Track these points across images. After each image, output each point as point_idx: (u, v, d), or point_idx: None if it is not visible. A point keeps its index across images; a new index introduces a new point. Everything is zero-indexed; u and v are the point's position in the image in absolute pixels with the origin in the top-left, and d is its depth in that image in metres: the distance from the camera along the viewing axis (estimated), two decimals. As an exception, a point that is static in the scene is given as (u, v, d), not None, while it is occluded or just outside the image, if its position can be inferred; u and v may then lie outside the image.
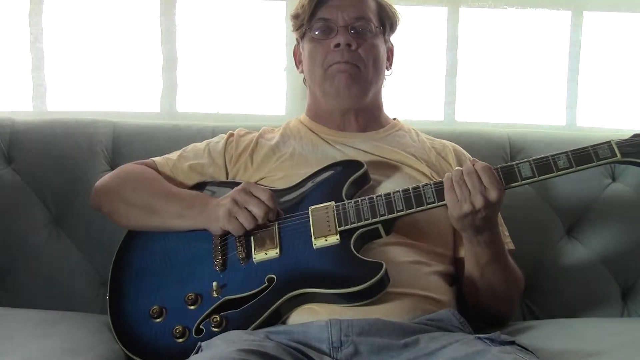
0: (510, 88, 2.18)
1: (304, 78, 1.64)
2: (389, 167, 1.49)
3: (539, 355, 1.20)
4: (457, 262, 1.47)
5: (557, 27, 2.18)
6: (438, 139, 1.64)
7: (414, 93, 2.16)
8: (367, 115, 1.59)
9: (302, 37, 1.60)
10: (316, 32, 1.55)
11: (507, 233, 1.52)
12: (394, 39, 1.66)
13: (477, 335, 1.22)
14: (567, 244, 1.80)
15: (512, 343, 1.18)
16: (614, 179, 1.85)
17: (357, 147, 1.54)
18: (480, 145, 1.76)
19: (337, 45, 1.51)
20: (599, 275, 1.77)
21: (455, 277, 1.46)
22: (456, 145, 1.62)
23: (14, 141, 1.76)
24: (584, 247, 1.79)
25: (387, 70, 1.63)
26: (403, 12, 1.64)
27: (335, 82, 1.52)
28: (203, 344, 1.20)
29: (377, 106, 1.62)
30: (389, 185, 1.42)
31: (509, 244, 1.50)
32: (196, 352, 1.20)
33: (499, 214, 1.42)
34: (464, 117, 2.18)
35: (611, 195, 1.83)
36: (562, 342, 1.36)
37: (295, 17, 1.59)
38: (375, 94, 1.60)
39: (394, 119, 1.67)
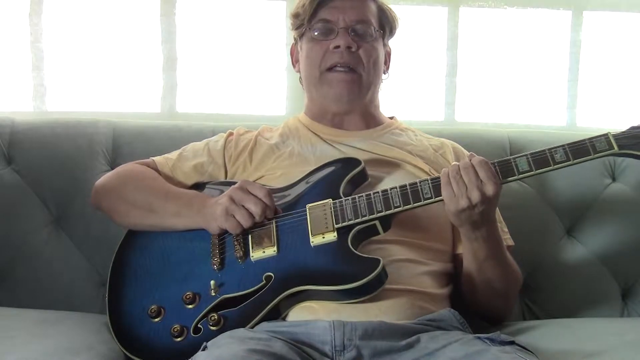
0: (510, 88, 2.19)
1: (300, 77, 1.65)
2: (389, 165, 1.50)
3: (539, 355, 1.20)
4: (456, 259, 1.47)
5: (557, 27, 2.19)
6: (436, 138, 1.65)
7: (414, 93, 2.16)
8: (363, 115, 1.60)
9: (301, 36, 1.60)
10: (316, 33, 1.55)
11: (506, 229, 1.52)
12: (394, 39, 1.66)
13: (477, 335, 1.22)
14: (567, 244, 1.80)
15: (512, 343, 1.19)
16: (614, 179, 1.85)
17: (355, 145, 1.54)
18: (480, 146, 1.76)
19: (337, 47, 1.51)
20: (599, 275, 1.77)
21: (453, 275, 1.46)
22: (455, 144, 1.62)
23: (14, 141, 1.76)
24: (583, 247, 1.79)
25: (385, 73, 1.63)
26: (403, 12, 1.65)
27: (333, 89, 1.53)
28: (208, 343, 1.20)
29: (374, 106, 1.63)
30: (389, 183, 1.41)
31: (507, 239, 1.50)
32: (202, 351, 1.19)
33: (498, 210, 1.42)
34: (464, 117, 2.18)
35: (611, 195, 1.83)
36: (562, 342, 1.36)
37: (295, 16, 1.59)
38: (372, 95, 1.60)
39: (392, 117, 1.67)
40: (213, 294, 1.31)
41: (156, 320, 1.32)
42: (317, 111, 1.61)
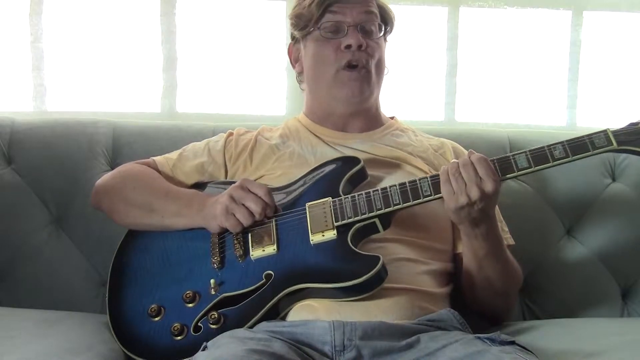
0: (510, 88, 2.19)
1: (297, 77, 1.64)
2: (389, 165, 1.50)
3: (539, 355, 1.20)
4: (456, 258, 1.47)
5: (557, 27, 2.19)
6: (436, 137, 1.65)
7: (414, 93, 2.16)
8: (366, 116, 1.59)
9: (304, 36, 1.59)
10: (324, 32, 1.53)
11: (506, 229, 1.52)
12: (393, 39, 1.66)
13: (477, 335, 1.22)
14: (567, 244, 1.80)
15: (512, 343, 1.18)
16: (614, 179, 1.85)
17: (356, 147, 1.54)
18: (480, 146, 1.75)
19: (348, 46, 1.50)
20: (599, 275, 1.77)
21: (453, 274, 1.46)
22: (455, 143, 1.62)
23: (14, 141, 1.76)
24: (583, 247, 1.79)
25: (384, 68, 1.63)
26: (403, 12, 1.65)
27: (344, 90, 1.52)
28: (208, 343, 1.20)
29: (376, 106, 1.62)
30: (389, 183, 1.40)
31: (508, 239, 1.50)
32: (202, 351, 1.19)
33: (498, 209, 1.42)
34: (464, 117, 2.18)
35: (611, 195, 1.83)
36: (562, 342, 1.36)
37: (298, 17, 1.57)
38: (377, 94, 1.60)
39: (392, 117, 1.67)
40: (213, 293, 1.31)
41: (156, 319, 1.32)
42: (320, 113, 1.60)
